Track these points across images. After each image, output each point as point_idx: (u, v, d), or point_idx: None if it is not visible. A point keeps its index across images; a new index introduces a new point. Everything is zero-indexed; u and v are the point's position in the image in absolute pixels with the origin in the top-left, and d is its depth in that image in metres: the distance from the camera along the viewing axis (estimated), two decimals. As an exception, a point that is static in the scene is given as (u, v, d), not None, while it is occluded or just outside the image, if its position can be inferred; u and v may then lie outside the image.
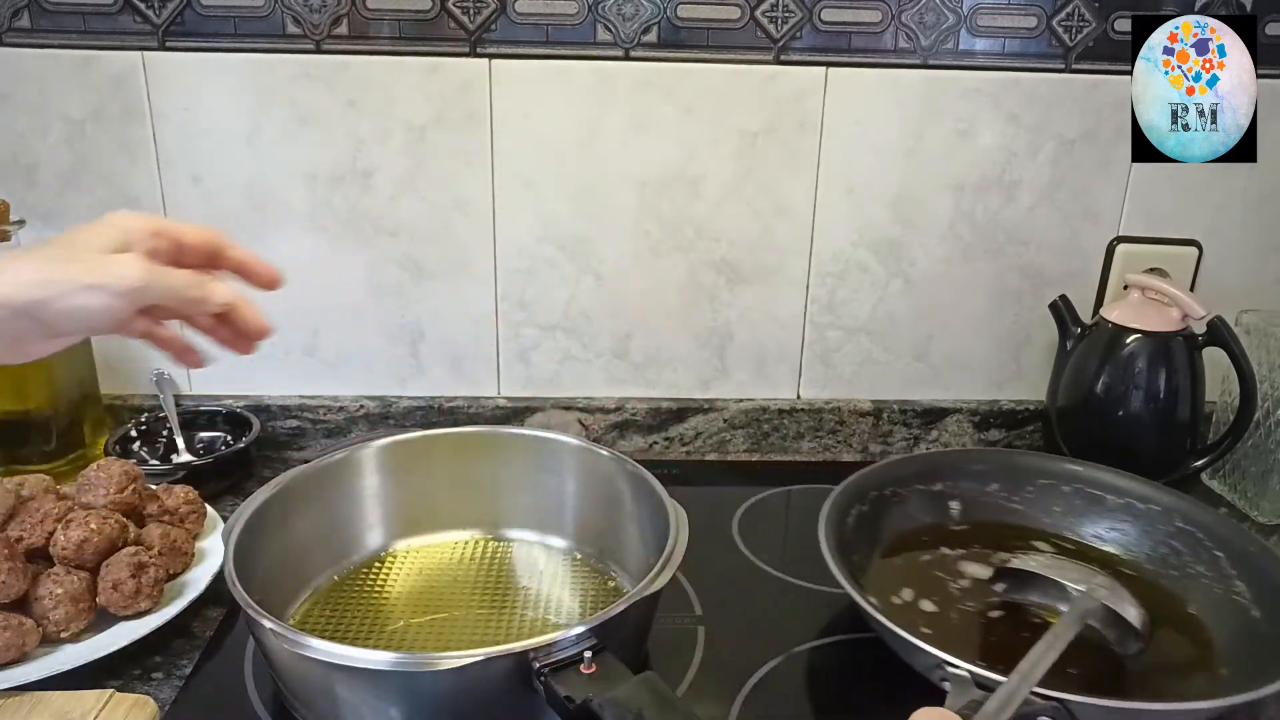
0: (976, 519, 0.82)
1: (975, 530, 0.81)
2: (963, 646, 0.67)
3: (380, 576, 0.76)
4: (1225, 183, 0.94)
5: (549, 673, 0.54)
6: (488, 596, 0.74)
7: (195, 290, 0.53)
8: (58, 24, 0.86)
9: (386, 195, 0.92)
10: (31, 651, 0.64)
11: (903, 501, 0.81)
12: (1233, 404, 0.88)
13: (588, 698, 0.52)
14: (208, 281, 0.54)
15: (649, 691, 0.53)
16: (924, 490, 0.82)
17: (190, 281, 0.53)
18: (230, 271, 0.57)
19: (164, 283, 0.51)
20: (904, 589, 0.74)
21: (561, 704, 0.53)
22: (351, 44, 0.88)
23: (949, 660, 0.57)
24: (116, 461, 0.75)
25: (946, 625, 0.70)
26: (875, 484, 0.80)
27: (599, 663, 0.54)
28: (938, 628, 0.70)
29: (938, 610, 0.72)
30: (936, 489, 0.83)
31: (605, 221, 0.94)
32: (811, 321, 0.99)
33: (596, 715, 0.51)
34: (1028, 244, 0.97)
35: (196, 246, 0.55)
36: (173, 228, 0.55)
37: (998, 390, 1.03)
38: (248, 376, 0.98)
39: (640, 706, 0.51)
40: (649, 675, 0.54)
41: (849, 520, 0.75)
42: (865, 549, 0.76)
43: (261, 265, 0.58)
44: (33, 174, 0.90)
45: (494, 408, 0.99)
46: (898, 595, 0.73)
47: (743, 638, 0.71)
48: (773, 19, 0.89)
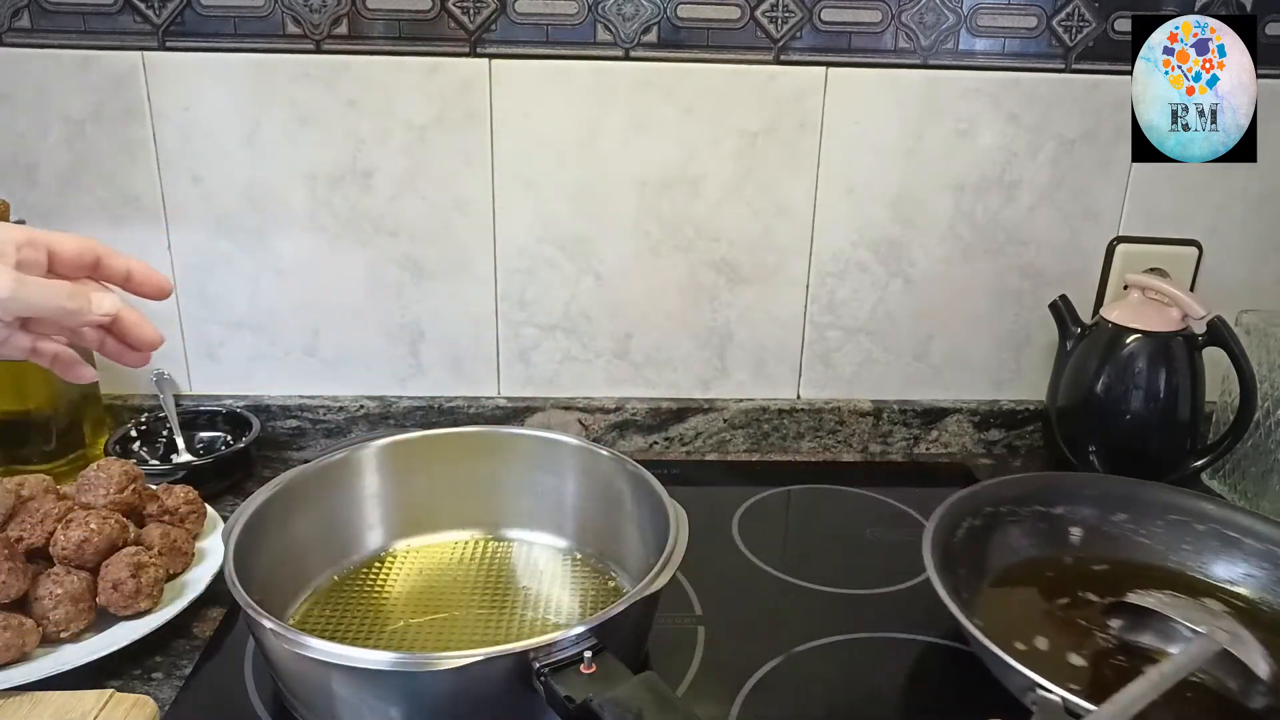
0: (1098, 548, 0.77)
1: (1095, 560, 0.76)
2: (1060, 673, 0.64)
3: (380, 576, 0.76)
4: (1225, 183, 0.94)
5: (549, 673, 0.54)
6: (488, 596, 0.74)
7: (73, 301, 0.51)
8: (58, 24, 0.86)
9: (386, 195, 0.92)
10: (31, 651, 0.64)
11: (1019, 521, 0.77)
12: (1233, 404, 0.88)
13: (588, 698, 0.52)
14: (88, 291, 0.52)
15: (649, 691, 0.53)
16: (1043, 512, 0.78)
17: (67, 292, 0.51)
18: (115, 282, 0.55)
19: (35, 294, 0.49)
20: (1007, 609, 0.70)
21: (561, 704, 0.53)
22: (351, 44, 0.88)
23: (1042, 684, 0.55)
24: (116, 461, 0.75)
25: (1048, 650, 0.67)
26: (990, 500, 0.76)
27: (599, 663, 0.54)
28: (1037, 650, 0.66)
29: (1042, 633, 0.68)
30: (1057, 512, 0.78)
31: (605, 221, 0.94)
32: (811, 321, 0.99)
33: (596, 715, 0.51)
34: (1028, 244, 0.97)
35: (71, 257, 0.53)
36: (44, 237, 0.52)
37: (998, 390, 1.03)
38: (248, 376, 0.98)
39: (640, 706, 0.51)
40: (649, 675, 0.54)
41: (958, 534, 0.72)
42: (971, 564, 0.73)
43: (149, 274, 0.56)
44: (33, 174, 0.90)
45: (494, 408, 0.99)
46: (998, 615, 0.69)
47: (743, 638, 0.71)
48: (773, 19, 0.89)
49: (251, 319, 0.96)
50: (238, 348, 0.97)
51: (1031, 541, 0.77)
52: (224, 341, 0.97)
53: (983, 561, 0.74)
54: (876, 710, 0.66)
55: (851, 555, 0.83)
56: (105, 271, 0.55)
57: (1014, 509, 0.77)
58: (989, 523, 0.76)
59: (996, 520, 0.76)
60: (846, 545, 0.85)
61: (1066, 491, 0.80)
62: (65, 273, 0.53)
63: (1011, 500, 0.78)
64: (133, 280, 0.55)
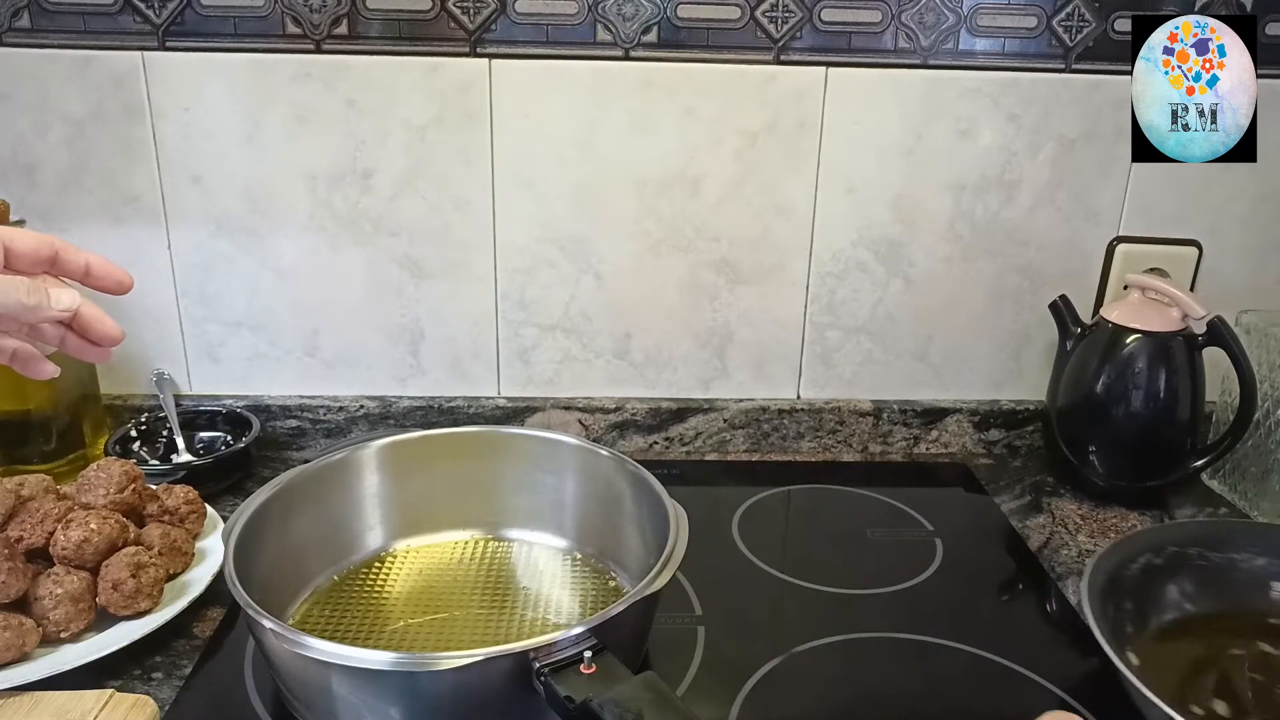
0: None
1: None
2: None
3: (380, 577, 0.76)
4: (1225, 183, 0.94)
5: (549, 672, 0.54)
6: (487, 597, 0.74)
7: (31, 297, 0.50)
8: (58, 24, 0.86)
9: (386, 195, 0.92)
10: (31, 651, 0.64)
11: (1207, 565, 0.71)
12: (1233, 404, 0.88)
13: (588, 698, 0.52)
14: (46, 287, 0.51)
15: (649, 691, 0.53)
16: (1239, 560, 0.72)
17: (25, 287, 0.50)
18: (74, 277, 0.55)
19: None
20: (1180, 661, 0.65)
21: (561, 704, 0.53)
22: (351, 44, 0.88)
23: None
24: (116, 461, 0.75)
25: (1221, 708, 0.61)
26: (1177, 540, 0.71)
27: (599, 663, 0.54)
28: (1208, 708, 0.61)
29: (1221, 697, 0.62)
30: (1259, 564, 0.71)
31: (605, 221, 0.94)
32: (811, 321, 0.99)
33: (596, 715, 0.51)
34: (1028, 244, 0.97)
35: (28, 253, 0.53)
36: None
37: (998, 390, 1.03)
38: (248, 376, 0.98)
39: (640, 707, 0.51)
40: (649, 675, 0.54)
41: (1131, 569, 0.68)
42: (1142, 605, 0.68)
43: (108, 269, 0.55)
44: (33, 174, 0.90)
45: (494, 408, 0.99)
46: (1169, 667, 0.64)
47: (743, 638, 0.71)
48: (773, 19, 0.89)
49: (251, 319, 0.96)
50: (238, 348, 0.97)
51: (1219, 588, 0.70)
52: (224, 341, 0.97)
53: (1156, 601, 0.68)
54: (876, 710, 0.65)
55: (851, 555, 0.83)
56: (63, 267, 0.54)
57: (1202, 552, 0.71)
58: (1171, 562, 0.70)
59: (1180, 560, 0.70)
60: (846, 545, 0.85)
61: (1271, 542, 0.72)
62: (22, 268, 0.53)
63: (1198, 543, 0.71)
64: (91, 275, 0.55)
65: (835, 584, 0.78)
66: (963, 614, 0.75)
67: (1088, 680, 0.67)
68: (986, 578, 0.82)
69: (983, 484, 0.96)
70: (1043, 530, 0.88)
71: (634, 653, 0.65)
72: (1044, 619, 0.77)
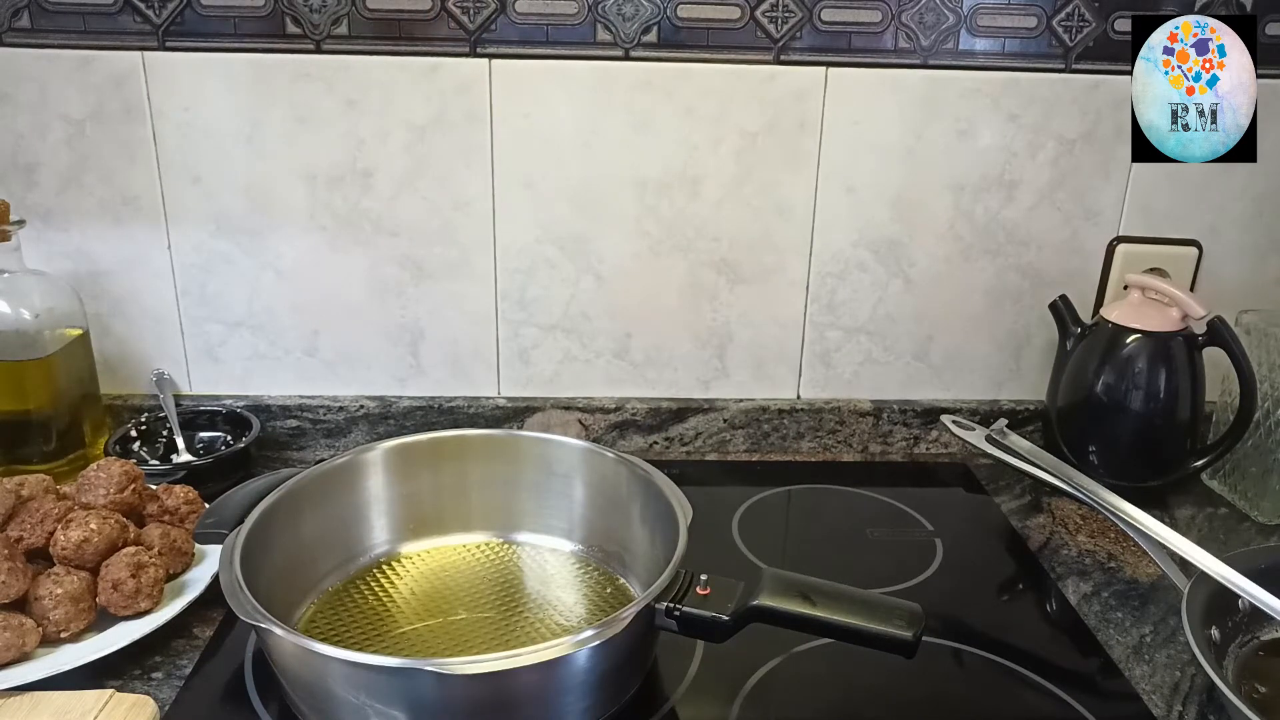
0: None
1: None
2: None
3: (388, 580, 0.76)
4: (1225, 183, 0.94)
5: (681, 608, 0.58)
6: (496, 600, 0.73)
7: None
8: (58, 24, 0.86)
9: (386, 195, 0.92)
10: (31, 651, 0.64)
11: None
12: (1233, 404, 0.88)
13: (744, 605, 0.57)
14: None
15: (780, 579, 0.60)
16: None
17: None
18: None
19: None
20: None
21: (711, 626, 0.57)
22: (351, 44, 0.88)
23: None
24: (116, 461, 0.75)
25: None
26: None
27: (711, 584, 0.60)
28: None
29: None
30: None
31: (605, 221, 0.94)
32: (811, 321, 0.99)
33: (763, 616, 0.57)
34: (1028, 244, 0.97)
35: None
36: None
37: (998, 390, 1.03)
38: (248, 376, 0.98)
39: (800, 587, 0.58)
40: (768, 570, 0.61)
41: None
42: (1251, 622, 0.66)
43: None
44: (33, 174, 0.90)
45: (494, 408, 0.99)
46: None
47: (743, 638, 0.71)
48: (773, 19, 0.89)
49: (251, 319, 0.96)
50: (238, 348, 0.97)
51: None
52: (224, 341, 0.97)
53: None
54: (876, 710, 0.66)
55: (851, 555, 0.83)
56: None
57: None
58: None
59: None
60: (846, 545, 0.85)
61: None
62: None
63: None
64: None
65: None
66: (963, 614, 0.75)
67: (1088, 680, 0.67)
68: (986, 578, 0.82)
69: (983, 484, 0.96)
70: (1043, 530, 0.88)
71: (644, 655, 0.65)
72: (1044, 619, 0.77)
